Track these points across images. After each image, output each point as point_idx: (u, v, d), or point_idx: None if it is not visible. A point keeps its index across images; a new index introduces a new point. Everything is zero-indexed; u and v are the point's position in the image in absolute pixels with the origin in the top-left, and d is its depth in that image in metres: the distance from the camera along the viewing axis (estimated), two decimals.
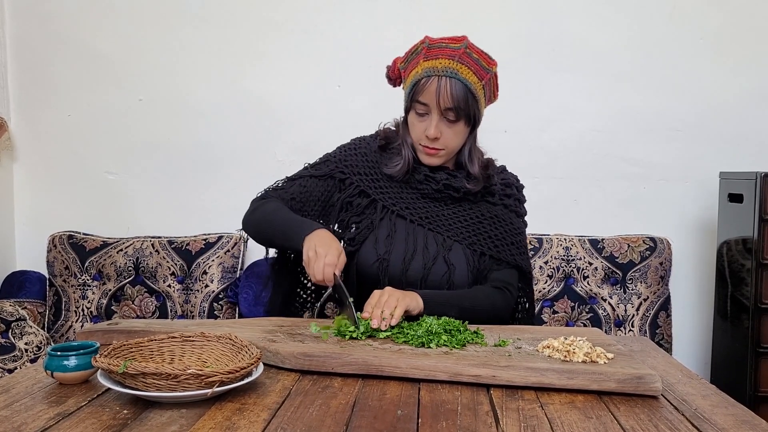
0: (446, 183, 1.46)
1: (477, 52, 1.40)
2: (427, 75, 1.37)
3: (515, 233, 1.51)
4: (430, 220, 1.47)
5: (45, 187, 2.71)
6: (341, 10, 2.58)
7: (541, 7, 2.56)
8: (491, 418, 0.88)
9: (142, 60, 2.64)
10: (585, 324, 2.40)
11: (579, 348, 1.06)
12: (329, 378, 1.04)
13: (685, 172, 2.59)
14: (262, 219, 1.46)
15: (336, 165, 1.53)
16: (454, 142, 1.43)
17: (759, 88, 2.54)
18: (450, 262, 1.42)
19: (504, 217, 1.51)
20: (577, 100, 2.58)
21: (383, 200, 1.48)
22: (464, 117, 1.38)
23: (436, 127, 1.38)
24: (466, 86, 1.36)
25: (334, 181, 1.52)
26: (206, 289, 2.46)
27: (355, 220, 1.48)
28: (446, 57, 1.36)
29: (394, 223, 1.46)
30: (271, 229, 1.43)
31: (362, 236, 1.45)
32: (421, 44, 1.42)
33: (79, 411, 0.89)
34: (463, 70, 1.36)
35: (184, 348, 1.08)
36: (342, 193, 1.50)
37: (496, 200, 1.52)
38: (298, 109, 2.62)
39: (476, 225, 1.48)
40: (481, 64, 1.39)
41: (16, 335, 2.29)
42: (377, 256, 1.43)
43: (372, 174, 1.50)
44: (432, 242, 1.44)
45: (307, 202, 1.49)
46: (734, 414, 0.92)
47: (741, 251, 2.26)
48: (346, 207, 1.50)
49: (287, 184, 1.54)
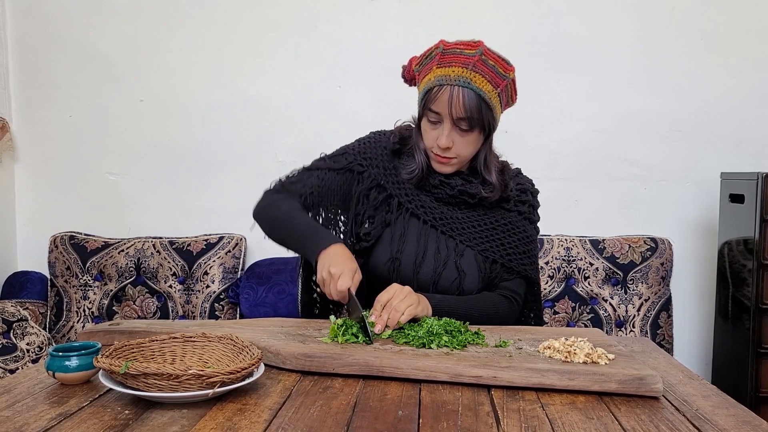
0: (461, 189, 1.43)
1: (493, 58, 1.34)
2: (440, 84, 1.32)
3: (527, 242, 1.50)
4: (444, 223, 1.44)
5: (46, 188, 2.71)
6: (341, 11, 2.59)
7: (541, 8, 2.56)
8: (492, 418, 0.88)
9: (143, 61, 2.64)
10: (586, 324, 2.40)
11: (580, 349, 1.06)
12: (330, 379, 1.04)
13: (686, 173, 2.59)
14: (277, 219, 1.43)
15: (354, 157, 1.49)
16: (467, 151, 1.39)
17: (759, 88, 2.54)
18: (461, 269, 1.41)
19: (518, 225, 1.49)
20: (578, 101, 2.58)
21: (399, 196, 1.46)
22: (478, 126, 1.35)
23: (448, 136, 1.35)
24: (479, 96, 1.31)
25: (353, 174, 1.48)
26: (207, 290, 2.46)
27: (370, 214, 1.46)
28: (460, 65, 1.32)
29: (407, 221, 1.45)
30: (286, 232, 1.41)
31: (377, 232, 1.44)
32: (436, 49, 1.37)
33: (81, 411, 0.89)
34: (477, 79, 1.31)
35: (185, 348, 1.08)
36: (360, 186, 1.48)
37: (511, 206, 1.49)
38: (298, 109, 2.62)
39: (490, 232, 1.46)
40: (497, 71, 1.33)
41: (18, 336, 2.29)
42: (390, 254, 1.41)
43: (389, 169, 1.47)
44: (444, 246, 1.43)
45: (326, 196, 1.47)
46: (735, 415, 0.92)
47: (742, 252, 2.26)
48: (363, 200, 1.47)
49: (304, 175, 1.50)
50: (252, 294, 2.44)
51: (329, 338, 1.16)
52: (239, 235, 2.57)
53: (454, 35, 1.59)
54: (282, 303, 2.42)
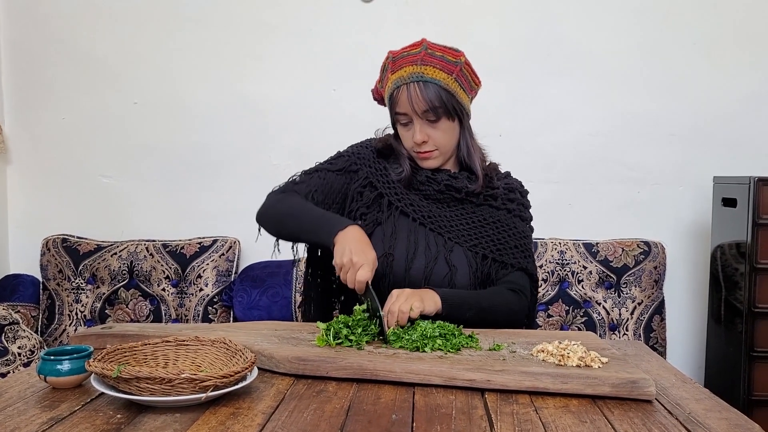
0: (447, 183, 1.48)
1: (439, 49, 1.43)
2: (397, 86, 1.41)
3: (519, 237, 1.51)
4: (432, 220, 1.47)
5: (39, 190, 2.70)
6: (337, 14, 2.59)
7: (537, 12, 2.57)
8: (486, 422, 0.88)
9: (138, 63, 2.63)
10: (579, 328, 2.41)
11: (573, 352, 1.06)
12: (324, 382, 1.04)
13: (680, 177, 2.60)
14: (286, 212, 1.44)
15: (349, 158, 1.54)
16: (444, 140, 1.45)
17: (753, 93, 2.56)
18: (452, 264, 1.43)
19: (507, 222, 1.50)
20: (573, 104, 2.59)
21: (389, 195, 1.49)
22: (444, 114, 1.41)
23: (420, 131, 1.42)
24: (435, 85, 1.39)
25: (350, 175, 1.53)
26: (201, 293, 2.46)
27: (363, 212, 1.48)
28: (409, 64, 1.40)
29: (397, 218, 1.47)
30: (297, 223, 1.42)
31: (369, 230, 1.45)
32: (386, 60, 1.47)
33: (73, 416, 0.89)
34: (428, 71, 1.39)
35: (178, 352, 1.07)
36: (354, 184, 1.52)
37: (499, 204, 1.51)
38: (293, 112, 2.62)
39: (478, 228, 1.48)
40: (446, 59, 1.41)
41: (9, 339, 2.28)
42: (383, 250, 1.43)
43: (380, 169, 1.52)
44: (433, 242, 1.45)
45: (329, 194, 1.50)
46: (728, 418, 0.92)
47: (735, 255, 2.27)
48: (356, 197, 1.51)
49: (305, 177, 1.53)
50: (246, 297, 2.43)
51: (321, 340, 1.16)
52: (233, 238, 2.56)
53: (449, 38, 1.60)
54: (276, 306, 2.42)
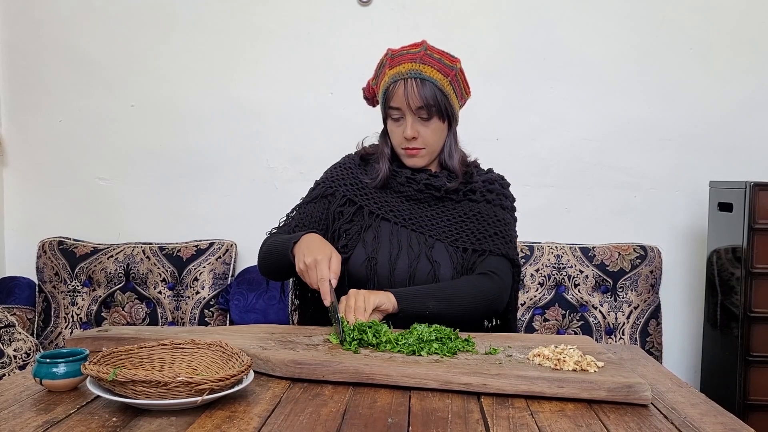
0: (427, 183, 1.51)
1: (438, 52, 1.47)
2: (394, 80, 1.44)
3: (499, 224, 1.52)
4: (413, 221, 1.50)
5: (35, 193, 2.69)
6: (333, 18, 2.59)
7: (533, 17, 2.58)
8: (482, 426, 0.88)
9: (134, 66, 2.63)
10: (576, 332, 2.41)
11: (569, 356, 1.06)
12: (320, 386, 1.04)
13: (676, 181, 2.61)
14: (265, 253, 1.51)
15: (323, 183, 1.59)
16: (432, 139, 1.48)
17: (748, 97, 2.57)
18: (433, 260, 1.45)
19: (486, 212, 1.52)
20: (569, 109, 2.60)
21: (368, 206, 1.52)
22: (437, 113, 1.45)
23: (412, 126, 1.45)
24: (432, 83, 1.42)
25: (326, 199, 1.57)
26: (197, 296, 2.45)
27: (345, 228, 1.51)
28: (408, 61, 1.44)
29: (378, 225, 1.50)
30: (271, 257, 1.47)
31: (353, 242, 1.48)
32: (385, 57, 1.50)
33: (68, 419, 0.89)
34: (426, 70, 1.43)
35: (174, 355, 1.07)
36: (332, 205, 1.55)
37: (478, 197, 1.54)
38: (290, 116, 2.63)
39: (458, 223, 1.50)
40: (444, 62, 1.45)
41: (5, 342, 2.27)
42: (366, 255, 1.46)
43: (357, 184, 1.56)
44: (415, 242, 1.48)
45: (311, 225, 1.54)
46: (723, 422, 0.92)
47: (731, 260, 2.28)
48: (337, 217, 1.53)
49: (287, 218, 1.60)
50: (242, 300, 2.43)
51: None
52: (230, 241, 2.56)
53: (446, 43, 1.61)
54: (272, 309, 2.42)
